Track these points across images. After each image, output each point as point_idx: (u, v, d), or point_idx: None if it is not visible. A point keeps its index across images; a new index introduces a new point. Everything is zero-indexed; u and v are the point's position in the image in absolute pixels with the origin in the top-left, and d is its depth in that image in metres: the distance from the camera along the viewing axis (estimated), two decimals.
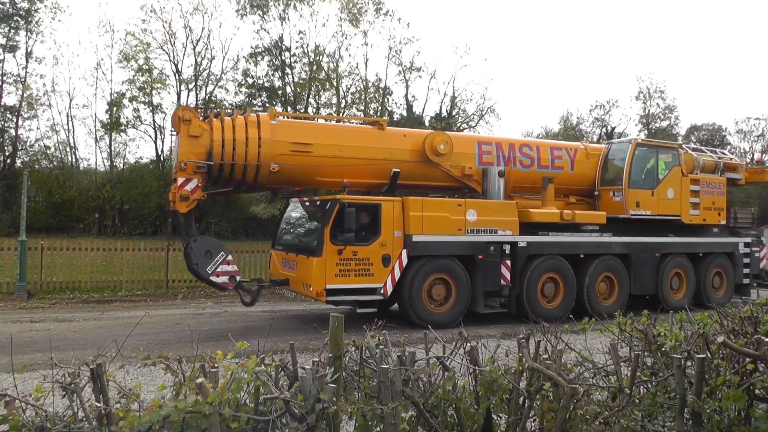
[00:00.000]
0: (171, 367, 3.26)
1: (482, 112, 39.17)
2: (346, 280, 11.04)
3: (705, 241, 15.51)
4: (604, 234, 13.75)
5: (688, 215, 14.89)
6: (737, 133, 73.42)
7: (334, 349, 3.32)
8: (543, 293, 12.89)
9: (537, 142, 15.90)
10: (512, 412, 3.54)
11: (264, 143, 11.32)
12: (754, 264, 16.51)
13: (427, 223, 11.68)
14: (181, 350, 7.67)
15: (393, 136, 12.88)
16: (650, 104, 48.79)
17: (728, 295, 15.70)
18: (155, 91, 33.73)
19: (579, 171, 14.58)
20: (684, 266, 14.99)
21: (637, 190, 14.12)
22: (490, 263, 12.26)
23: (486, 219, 12.27)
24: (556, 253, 13.05)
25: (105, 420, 2.72)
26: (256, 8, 34.16)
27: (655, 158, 14.59)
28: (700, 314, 4.23)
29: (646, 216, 14.20)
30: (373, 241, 11.33)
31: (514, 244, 12.52)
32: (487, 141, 14.02)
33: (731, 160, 17.04)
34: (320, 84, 36.05)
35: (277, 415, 2.88)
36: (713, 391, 3.48)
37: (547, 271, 12.92)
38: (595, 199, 14.75)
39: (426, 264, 11.71)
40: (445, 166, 12.78)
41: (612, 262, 13.75)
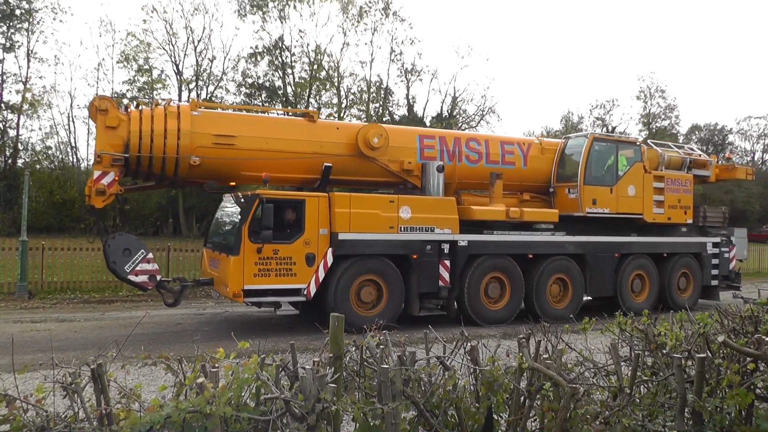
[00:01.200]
0: (172, 367, 3.26)
1: (483, 112, 39.18)
2: (265, 280, 10.37)
3: (669, 240, 14.84)
4: (557, 233, 13.12)
5: (651, 214, 14.24)
6: (738, 132, 73.51)
7: (334, 349, 3.32)
8: (487, 294, 12.27)
9: (486, 136, 15.06)
10: (513, 411, 3.54)
11: (183, 135, 10.73)
12: (723, 265, 15.80)
13: (355, 220, 11.02)
14: (182, 350, 7.67)
15: (325, 128, 12.23)
16: (651, 104, 48.87)
17: (695, 297, 15.18)
18: (155, 92, 33.74)
19: (533, 167, 13.90)
20: (646, 267, 14.37)
21: (594, 187, 13.43)
22: (427, 263, 11.64)
23: (421, 216, 11.60)
24: (501, 253, 12.39)
25: (106, 420, 2.73)
26: (256, 8, 34.18)
27: (615, 154, 13.91)
28: (701, 314, 4.22)
29: (603, 214, 13.55)
30: (296, 239, 10.67)
31: (453, 243, 11.86)
32: (430, 135, 13.43)
33: (700, 157, 16.34)
34: (321, 84, 36.07)
35: (278, 415, 2.88)
36: (714, 391, 3.48)
37: (492, 271, 12.30)
38: (551, 197, 14.09)
39: (354, 264, 11.07)
40: (382, 160, 12.11)
41: (565, 262, 13.13)
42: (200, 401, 2.63)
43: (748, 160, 72.22)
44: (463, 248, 11.94)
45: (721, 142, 72.30)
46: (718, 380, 3.51)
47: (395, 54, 37.55)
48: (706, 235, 15.64)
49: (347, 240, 10.95)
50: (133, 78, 33.19)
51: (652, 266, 14.41)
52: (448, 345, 4.08)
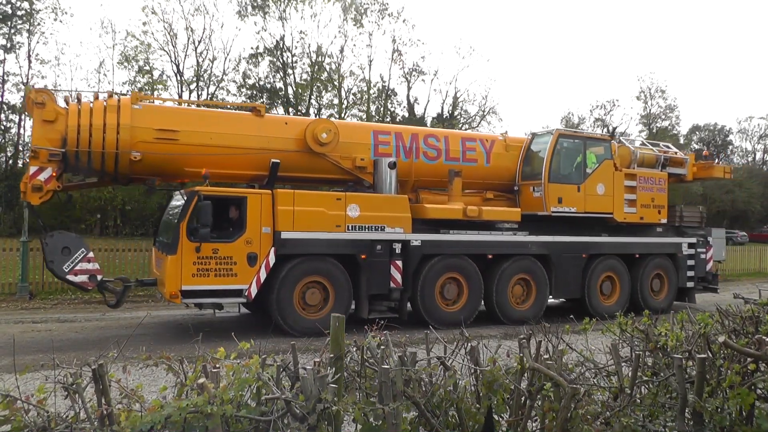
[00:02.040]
0: (173, 367, 3.27)
1: (484, 112, 39.17)
2: (204, 280, 9.96)
3: (641, 241, 14.31)
4: (519, 233, 12.67)
5: (622, 213, 13.72)
6: (739, 132, 73.50)
7: (335, 350, 3.32)
8: (443, 295, 11.86)
9: (446, 132, 14.65)
10: (513, 412, 3.54)
11: (123, 129, 10.36)
12: (700, 266, 15.27)
13: (299, 218, 10.58)
14: (183, 351, 7.68)
15: (273, 123, 11.87)
16: (651, 104, 48.85)
17: (669, 299, 14.70)
18: (156, 93, 33.75)
19: (496, 164, 13.45)
20: (617, 269, 13.85)
21: (559, 185, 12.93)
22: (377, 263, 11.18)
23: (371, 215, 11.13)
24: (457, 253, 11.96)
25: (107, 420, 2.73)
26: (258, 9, 34.20)
27: (583, 151, 13.41)
28: (701, 314, 4.22)
29: (570, 213, 13.04)
30: (237, 237, 10.28)
31: (405, 242, 11.43)
32: (385, 130, 12.93)
33: (676, 155, 15.88)
34: (322, 85, 36.09)
35: (279, 415, 2.89)
36: (714, 391, 3.48)
37: (447, 272, 11.86)
38: (516, 195, 13.60)
39: (298, 264, 10.63)
40: (333, 156, 11.71)
41: (528, 263, 12.67)
42: (201, 401, 2.64)
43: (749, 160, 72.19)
44: (416, 248, 11.54)
45: (722, 142, 72.31)
46: (718, 381, 3.51)
47: (396, 54, 37.57)
48: (682, 235, 15.21)
49: (290, 239, 10.53)
50: (134, 79, 33.19)
51: (623, 267, 13.96)
52: (449, 345, 4.08)
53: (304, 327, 10.29)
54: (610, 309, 12.87)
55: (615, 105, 52.01)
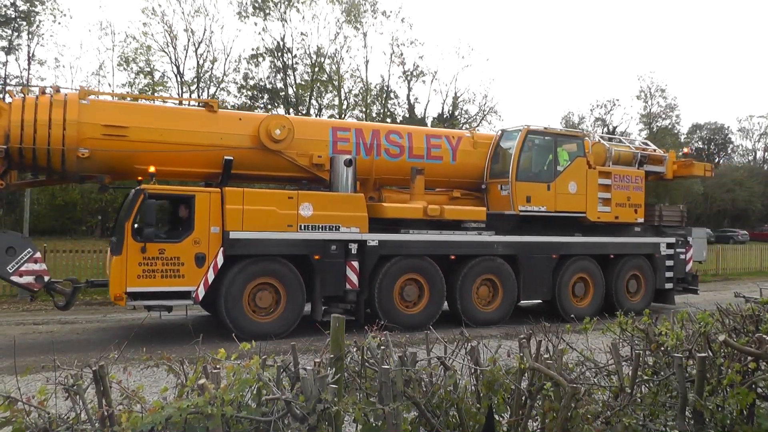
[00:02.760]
0: (173, 368, 3.28)
1: (484, 112, 39.16)
2: (151, 282, 9.61)
3: (616, 241, 13.78)
4: (484, 233, 12.21)
5: (596, 212, 13.24)
6: (740, 131, 73.49)
7: (335, 350, 3.33)
8: (402, 297, 11.44)
9: (409, 128, 14.12)
10: (514, 411, 3.54)
11: (70, 125, 10.00)
12: (679, 267, 14.70)
13: (248, 217, 10.21)
14: (184, 352, 7.68)
15: (226, 119, 11.49)
16: (651, 103, 48.79)
17: (646, 301, 14.13)
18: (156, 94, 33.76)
19: (463, 161, 12.98)
20: (590, 270, 13.36)
21: (528, 184, 12.50)
22: (331, 264, 10.79)
23: (324, 214, 10.75)
24: (417, 253, 11.54)
25: (108, 421, 2.74)
26: (258, 10, 34.22)
27: (553, 148, 12.98)
28: (702, 313, 4.22)
29: (539, 213, 12.60)
30: (185, 237, 9.92)
31: (362, 242, 11.03)
32: (345, 127, 12.51)
33: (655, 152, 15.36)
34: (322, 86, 36.10)
35: (279, 415, 2.89)
36: (715, 390, 3.48)
37: (407, 273, 11.46)
38: (484, 194, 13.13)
39: (248, 266, 10.27)
40: (289, 154, 11.30)
41: (494, 263, 12.22)
42: (202, 402, 2.64)
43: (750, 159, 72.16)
44: (373, 248, 11.12)
45: (722, 141, 72.28)
46: (719, 379, 3.52)
47: (396, 55, 37.57)
48: (661, 235, 14.72)
49: (239, 239, 10.16)
50: (133, 80, 33.19)
51: (596, 268, 13.47)
52: (449, 345, 4.08)
53: (254, 331, 9.79)
54: (582, 311, 12.44)
55: (615, 104, 51.96)
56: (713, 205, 58.96)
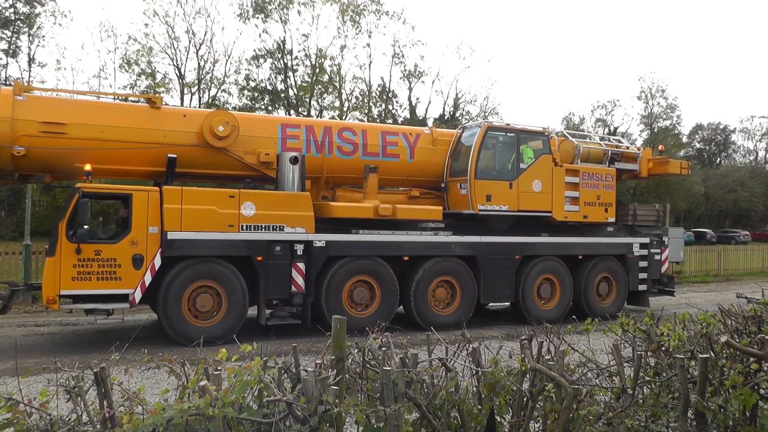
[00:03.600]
0: (174, 370, 3.28)
1: (485, 113, 39.15)
2: (85, 284, 9.25)
3: (584, 241, 13.30)
4: (441, 233, 11.87)
5: (563, 212, 12.76)
6: (741, 131, 73.44)
7: (336, 351, 3.32)
8: (352, 300, 11.09)
9: (364, 125, 13.61)
10: (515, 413, 3.54)
11: (3, 122, 9.64)
12: (654, 268, 14.19)
13: (187, 217, 9.83)
14: (185, 353, 7.68)
15: (170, 116, 11.05)
16: (652, 104, 48.75)
17: (618, 304, 13.69)
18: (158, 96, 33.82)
19: (422, 159, 12.57)
20: (557, 271, 12.92)
21: (488, 182, 12.04)
22: (275, 266, 10.42)
23: (268, 213, 10.35)
24: (368, 255, 11.15)
25: (109, 423, 2.74)
26: (259, 11, 34.25)
27: (516, 145, 12.48)
28: (703, 314, 4.21)
29: (500, 212, 12.14)
30: (122, 238, 9.57)
31: (308, 243, 10.64)
32: (294, 124, 12.06)
33: (627, 149, 14.85)
34: (323, 87, 36.11)
35: (280, 417, 2.89)
36: (717, 391, 3.48)
37: (357, 275, 11.08)
38: (444, 193, 12.71)
39: (187, 268, 9.89)
40: (235, 151, 10.97)
41: (451, 265, 11.83)
42: (203, 404, 2.64)
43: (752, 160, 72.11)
44: (320, 249, 10.75)
45: (724, 141, 72.24)
46: (721, 381, 3.51)
47: (397, 56, 37.57)
48: (635, 235, 14.20)
49: (178, 240, 9.78)
50: (135, 82, 33.21)
51: (564, 269, 13.02)
52: (451, 347, 4.08)
53: (194, 336, 9.28)
54: (548, 314, 12.27)
55: (616, 105, 51.95)
56: (715, 206, 58.90)
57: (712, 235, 48.84)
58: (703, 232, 49.69)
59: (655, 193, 46.57)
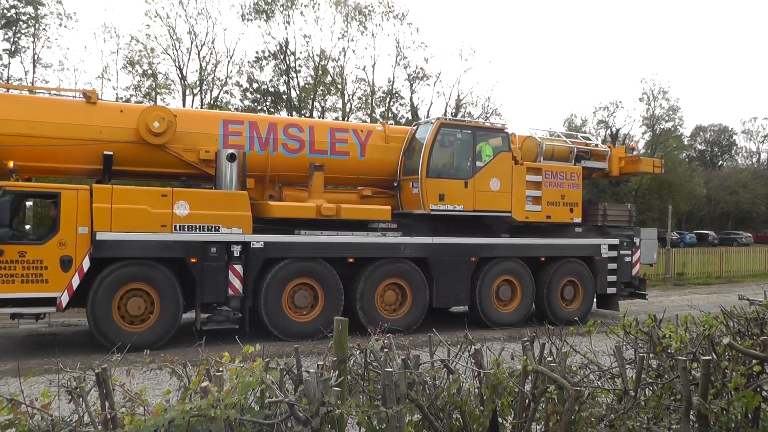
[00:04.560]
0: (176, 371, 3.28)
1: (487, 115, 39.15)
2: (9, 288, 8.86)
3: (547, 242, 12.74)
4: (389, 233, 11.35)
5: (523, 211, 12.23)
6: (744, 133, 73.35)
7: (338, 353, 3.32)
8: (293, 304, 10.64)
9: (312, 121, 13.31)
10: (517, 414, 3.54)
11: None
12: (624, 270, 13.57)
13: (117, 217, 9.37)
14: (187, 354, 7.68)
15: (107, 111, 10.57)
16: (654, 105, 48.66)
17: (585, 308, 13.12)
18: (159, 97, 33.83)
19: (373, 157, 12.05)
20: (517, 273, 12.38)
21: (441, 181, 11.54)
22: (211, 268, 9.96)
23: (202, 213, 9.89)
24: (310, 256, 10.70)
25: (110, 424, 2.74)
26: (262, 13, 34.29)
27: (472, 142, 11.95)
28: (705, 316, 4.21)
29: (454, 212, 11.61)
30: (50, 239, 9.17)
31: (245, 244, 10.20)
32: (237, 119, 11.56)
33: (597, 147, 14.24)
34: (326, 88, 36.13)
35: (282, 418, 2.88)
36: (719, 393, 3.47)
37: (299, 277, 10.63)
38: (398, 192, 12.19)
39: (117, 270, 9.47)
40: (174, 148, 10.50)
41: (400, 267, 11.33)
42: (205, 405, 2.64)
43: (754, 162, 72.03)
44: (258, 251, 10.28)
45: (726, 143, 72.16)
46: (723, 382, 3.50)
47: (400, 57, 37.58)
48: (605, 236, 13.58)
49: (107, 241, 9.33)
50: (138, 83, 33.23)
51: (525, 272, 12.47)
52: (453, 348, 4.08)
53: (124, 341, 8.82)
54: (508, 318, 11.99)
55: (618, 107, 51.82)
56: (717, 208, 58.85)
57: (714, 237, 48.81)
58: (705, 233, 49.65)
59: (657, 195, 46.50)
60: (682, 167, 49.07)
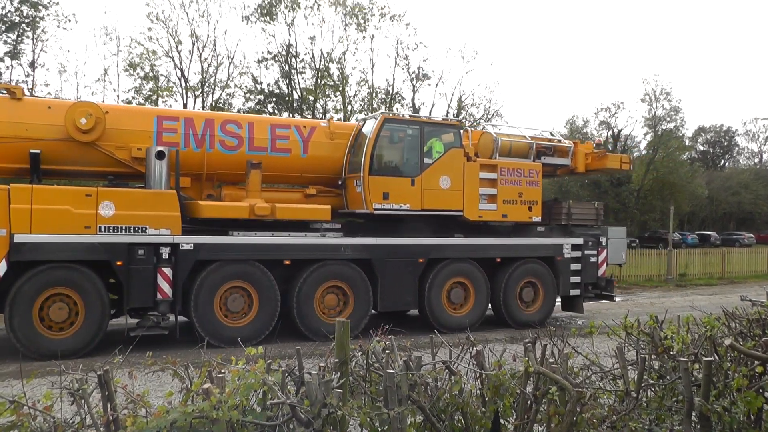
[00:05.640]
0: (178, 373, 3.28)
1: (489, 116, 39.14)
2: None
3: (502, 242, 12.15)
4: (329, 234, 10.96)
5: (476, 210, 11.67)
6: (745, 134, 73.26)
7: (340, 354, 3.33)
8: (227, 308, 10.13)
9: (251, 117, 12.77)
10: (519, 415, 3.54)
11: None
12: (589, 271, 12.92)
13: (38, 218, 8.90)
14: (189, 356, 7.68)
15: (33, 107, 10.13)
16: (656, 106, 48.62)
17: (545, 310, 12.54)
18: (161, 99, 33.87)
19: (317, 154, 11.52)
20: (471, 275, 11.78)
21: (386, 178, 11.06)
22: (138, 271, 9.43)
23: (129, 214, 9.38)
24: (244, 258, 10.21)
25: (113, 426, 2.75)
26: (266, 15, 34.35)
27: (420, 138, 11.42)
28: (707, 317, 4.20)
29: (399, 211, 11.13)
30: None
31: (175, 246, 9.69)
32: (172, 116, 11.07)
33: (559, 143, 13.65)
34: (328, 89, 36.19)
35: (284, 420, 2.89)
36: (721, 394, 3.47)
37: (231, 280, 10.15)
38: (343, 191, 11.69)
39: (39, 274, 8.96)
40: (105, 146, 10.04)
41: (341, 269, 10.80)
42: (207, 407, 2.64)
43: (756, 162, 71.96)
44: (188, 253, 9.78)
45: (727, 144, 72.09)
46: (725, 384, 3.50)
47: (400, 58, 37.59)
48: (570, 235, 12.99)
49: (27, 243, 8.85)
50: (140, 86, 33.27)
51: (479, 274, 11.86)
52: (454, 350, 4.08)
53: (47, 349, 8.67)
54: (460, 321, 11.26)
55: (620, 107, 51.73)
56: (719, 208, 58.80)
57: (716, 238, 48.76)
58: (707, 234, 49.61)
59: (659, 196, 46.47)
60: (683, 168, 49.06)
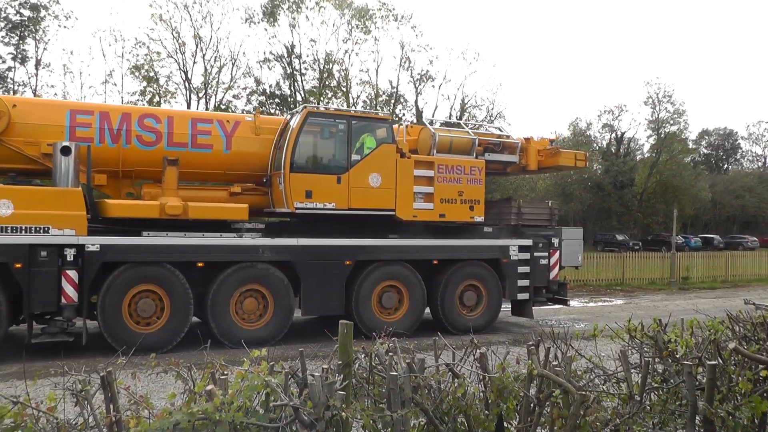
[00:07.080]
0: (181, 374, 3.28)
1: (492, 117, 39.14)
2: None
3: (439, 244, 11.54)
4: (247, 235, 10.47)
5: (410, 210, 11.12)
6: (749, 137, 73.13)
7: (343, 356, 3.32)
8: (136, 313, 9.66)
9: (170, 111, 12.28)
10: (522, 418, 3.53)
11: None
12: (539, 274, 12.27)
13: None
14: (192, 358, 7.69)
15: None
16: (659, 109, 48.58)
17: (489, 315, 11.97)
18: (164, 100, 33.91)
19: (241, 150, 11.04)
20: (404, 277, 11.22)
21: (309, 176, 10.59)
22: (40, 274, 8.90)
23: (29, 213, 8.89)
24: (154, 260, 9.71)
25: (115, 427, 2.75)
26: (268, 16, 34.42)
27: (347, 133, 10.92)
28: (711, 320, 4.19)
29: (324, 210, 10.63)
30: None
31: (80, 247, 9.14)
32: (86, 110, 10.54)
33: (508, 139, 13.00)
34: (331, 91, 36.23)
35: (287, 422, 2.89)
36: (725, 398, 3.46)
37: (141, 283, 9.64)
38: (269, 188, 11.22)
39: None
40: (12, 142, 9.61)
41: (259, 271, 10.32)
42: (210, 408, 2.64)
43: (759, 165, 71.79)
44: (94, 254, 9.22)
45: (731, 147, 71.97)
46: (730, 387, 3.49)
47: (404, 59, 37.61)
48: (520, 236, 12.34)
49: None
50: (144, 89, 33.34)
51: (413, 276, 11.28)
52: (458, 352, 4.07)
53: None
54: (393, 326, 10.50)
55: (623, 110, 51.78)
56: (722, 212, 58.70)
57: (720, 241, 48.68)
58: (710, 237, 49.52)
59: (662, 199, 46.41)
60: (687, 171, 49.01)
